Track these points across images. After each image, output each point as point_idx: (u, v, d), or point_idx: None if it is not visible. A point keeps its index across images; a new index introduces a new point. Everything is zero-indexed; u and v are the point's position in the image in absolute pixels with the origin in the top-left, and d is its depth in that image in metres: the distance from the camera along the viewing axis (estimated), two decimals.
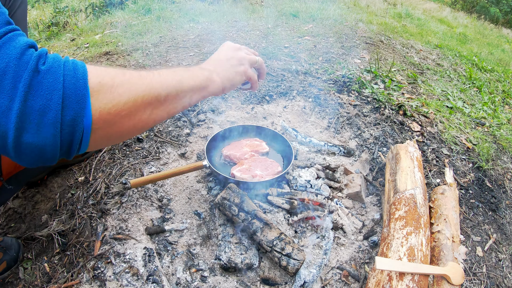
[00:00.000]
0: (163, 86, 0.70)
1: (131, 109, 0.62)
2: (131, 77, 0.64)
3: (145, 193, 1.46)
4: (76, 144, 0.56)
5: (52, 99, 0.52)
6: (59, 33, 3.77)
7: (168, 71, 0.74)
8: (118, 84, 0.60)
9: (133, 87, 0.63)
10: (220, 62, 0.91)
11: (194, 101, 0.80)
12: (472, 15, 8.72)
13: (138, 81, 0.65)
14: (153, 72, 0.71)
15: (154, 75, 0.70)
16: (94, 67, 0.59)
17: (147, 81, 0.66)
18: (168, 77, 0.72)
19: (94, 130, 0.57)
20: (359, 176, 1.60)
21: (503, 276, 1.35)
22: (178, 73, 0.76)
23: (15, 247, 1.20)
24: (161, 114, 0.71)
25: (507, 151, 2.10)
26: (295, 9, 4.50)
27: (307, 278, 1.19)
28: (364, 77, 2.60)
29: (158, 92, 0.68)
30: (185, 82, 0.76)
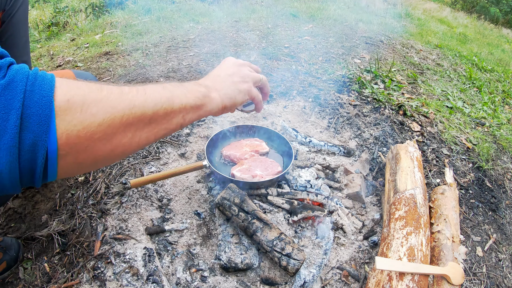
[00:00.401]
0: (148, 104, 0.60)
1: (107, 132, 0.53)
2: (109, 94, 0.54)
3: (145, 193, 1.46)
4: (39, 173, 0.48)
5: (8, 119, 0.44)
6: (59, 33, 3.77)
7: (156, 87, 0.65)
8: (91, 102, 0.51)
9: (110, 105, 0.54)
10: (220, 78, 0.83)
11: (188, 122, 0.70)
12: (472, 15, 8.72)
13: (117, 98, 0.55)
14: (138, 88, 0.61)
15: (139, 91, 0.60)
16: (65, 82, 0.51)
17: (128, 98, 0.57)
18: (156, 94, 0.62)
19: (61, 156, 0.49)
20: (359, 176, 1.60)
21: (503, 276, 1.35)
22: (168, 89, 0.66)
23: (15, 247, 1.20)
24: (146, 136, 0.61)
25: (507, 151, 2.10)
26: (295, 9, 4.50)
27: (307, 278, 1.19)
28: (364, 77, 2.60)
29: (142, 111, 0.58)
30: (176, 100, 0.66)
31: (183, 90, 0.69)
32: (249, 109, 1.01)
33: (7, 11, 1.13)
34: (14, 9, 1.16)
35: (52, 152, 0.48)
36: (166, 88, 0.66)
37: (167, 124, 0.65)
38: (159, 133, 0.64)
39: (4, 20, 1.14)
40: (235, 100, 0.83)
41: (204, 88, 0.75)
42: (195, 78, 2.36)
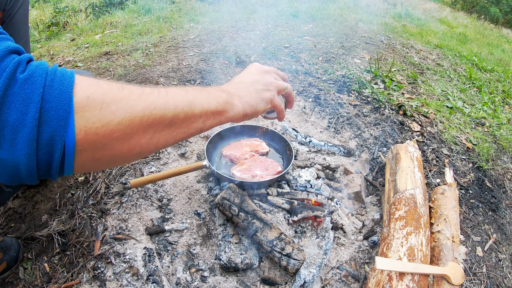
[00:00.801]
0: (169, 106, 0.59)
1: (126, 131, 0.53)
2: (130, 93, 0.55)
3: (145, 193, 1.46)
4: (56, 167, 0.49)
5: (27, 113, 0.45)
6: (59, 33, 3.77)
7: (178, 89, 0.64)
8: (112, 101, 0.52)
9: (131, 105, 0.54)
10: (243, 85, 0.81)
11: (208, 127, 0.69)
12: (472, 15, 8.72)
13: (138, 99, 0.55)
14: (159, 89, 0.61)
15: (160, 92, 0.60)
16: (85, 79, 0.51)
17: (149, 100, 0.57)
18: (177, 97, 0.62)
19: (79, 152, 0.49)
20: (359, 176, 1.60)
21: (503, 276, 1.35)
22: (190, 92, 0.66)
23: (15, 247, 1.20)
24: (165, 139, 0.61)
25: (507, 151, 2.10)
26: (295, 9, 4.50)
27: (307, 278, 1.19)
28: (364, 77, 2.60)
29: (162, 113, 0.58)
30: (198, 104, 0.65)
31: (205, 95, 0.68)
32: (271, 116, 0.98)
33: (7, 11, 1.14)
34: (15, 9, 1.16)
35: (69, 147, 0.48)
36: (189, 91, 0.66)
37: (187, 128, 0.64)
38: (178, 136, 0.64)
39: (4, 20, 1.14)
40: (257, 108, 0.81)
41: (226, 94, 0.74)
42: (195, 78, 2.36)
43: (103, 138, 0.51)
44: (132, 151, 0.57)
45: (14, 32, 1.18)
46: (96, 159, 0.53)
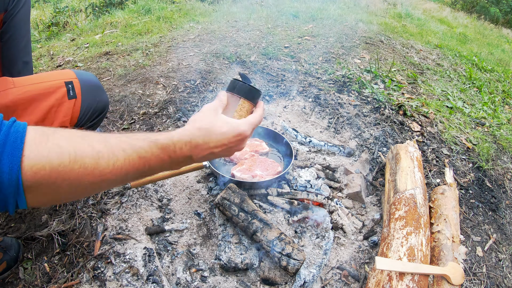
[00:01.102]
0: (119, 181, 0.60)
1: (69, 197, 0.58)
2: (81, 167, 0.52)
3: (145, 193, 1.46)
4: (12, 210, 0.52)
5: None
6: (59, 33, 3.77)
7: (138, 158, 0.60)
8: (62, 182, 0.51)
9: (79, 184, 0.53)
10: (213, 155, 0.72)
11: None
12: (472, 15, 8.72)
13: (89, 175, 0.54)
14: (117, 157, 0.57)
15: (115, 165, 0.57)
16: (35, 149, 0.49)
17: (102, 178, 0.55)
18: (133, 171, 0.60)
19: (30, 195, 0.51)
20: (359, 176, 1.60)
21: (503, 276, 1.35)
22: (148, 163, 0.62)
23: (15, 247, 1.20)
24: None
25: (507, 151, 2.10)
26: (295, 9, 4.50)
27: (307, 278, 1.18)
28: (364, 77, 2.60)
29: (111, 186, 0.61)
30: (149, 174, 0.66)
31: (164, 168, 0.66)
32: None
33: (9, 11, 1.13)
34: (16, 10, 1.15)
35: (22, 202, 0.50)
36: (147, 162, 0.62)
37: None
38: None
39: (5, 21, 1.14)
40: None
41: (186, 159, 0.69)
42: (195, 78, 2.36)
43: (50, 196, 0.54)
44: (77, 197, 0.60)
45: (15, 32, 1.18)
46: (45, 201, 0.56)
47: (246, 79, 0.83)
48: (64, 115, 1.16)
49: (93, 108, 1.27)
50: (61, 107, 1.15)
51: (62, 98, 1.16)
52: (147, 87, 2.23)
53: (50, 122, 1.13)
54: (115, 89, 2.20)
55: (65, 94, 1.16)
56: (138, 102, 2.06)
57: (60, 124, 1.16)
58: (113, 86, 2.25)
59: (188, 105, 2.07)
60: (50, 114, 1.12)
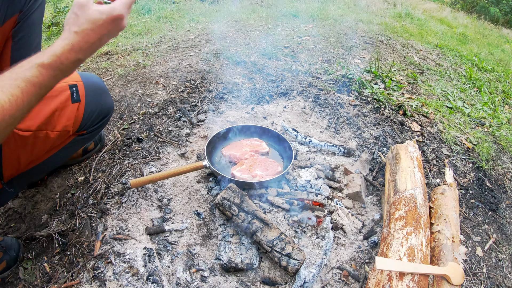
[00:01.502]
0: (25, 107, 0.65)
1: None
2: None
3: (145, 193, 1.46)
4: None
5: None
6: (59, 33, 3.76)
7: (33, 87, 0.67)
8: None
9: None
10: (97, 44, 0.77)
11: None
12: (472, 15, 8.72)
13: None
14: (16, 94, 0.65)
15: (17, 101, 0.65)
16: None
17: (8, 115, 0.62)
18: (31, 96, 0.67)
19: None
20: (359, 176, 1.60)
21: (503, 276, 1.35)
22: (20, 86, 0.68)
23: (15, 247, 1.20)
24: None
25: (507, 151, 2.10)
26: (295, 9, 4.50)
27: (307, 278, 1.19)
28: (364, 77, 2.60)
29: (19, 117, 0.65)
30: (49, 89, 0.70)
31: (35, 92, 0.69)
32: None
33: (24, 12, 1.13)
34: (31, 10, 1.15)
35: None
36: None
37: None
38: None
39: (19, 21, 1.13)
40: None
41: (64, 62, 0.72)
42: (195, 78, 2.36)
43: None
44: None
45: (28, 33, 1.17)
46: None
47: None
48: (67, 119, 1.15)
49: (97, 112, 1.27)
50: (64, 111, 1.14)
51: (66, 102, 1.15)
52: (147, 87, 2.23)
53: (53, 126, 1.12)
54: (115, 89, 2.20)
55: (68, 98, 1.16)
56: (138, 102, 2.06)
57: (62, 128, 1.15)
58: (113, 86, 2.25)
59: (188, 105, 2.07)
60: (53, 118, 1.11)
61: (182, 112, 1.98)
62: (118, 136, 1.75)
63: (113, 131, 1.80)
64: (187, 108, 2.03)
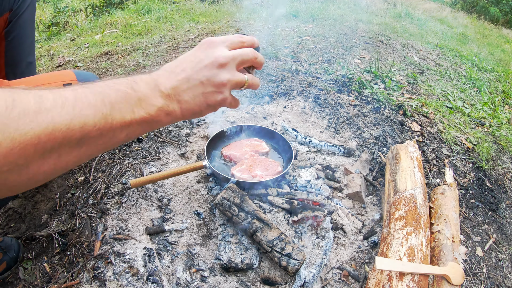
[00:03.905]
0: (75, 124, 0.47)
1: (19, 162, 0.43)
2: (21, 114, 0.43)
3: (145, 193, 1.46)
4: None
5: None
6: (59, 33, 3.77)
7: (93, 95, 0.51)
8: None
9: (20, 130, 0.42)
10: (189, 83, 0.62)
11: (135, 136, 0.57)
12: (472, 15, 8.72)
13: (31, 121, 0.43)
14: (66, 98, 0.48)
15: (65, 106, 0.47)
16: None
17: (47, 120, 0.45)
18: (88, 110, 0.49)
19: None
20: (359, 176, 1.60)
21: (503, 276, 1.35)
22: (108, 98, 0.52)
23: (15, 247, 1.20)
24: (74, 160, 0.50)
25: (507, 151, 2.10)
26: (295, 9, 4.50)
27: (307, 278, 1.18)
28: (364, 77, 2.60)
29: (66, 133, 0.46)
30: (117, 116, 0.52)
31: (131, 103, 0.55)
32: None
33: (15, 11, 1.13)
34: (22, 10, 1.15)
35: None
36: (106, 98, 0.52)
37: (104, 144, 0.53)
38: (94, 153, 0.53)
39: (10, 20, 1.13)
40: (199, 115, 0.67)
41: (164, 100, 0.59)
42: None
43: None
44: (33, 179, 0.47)
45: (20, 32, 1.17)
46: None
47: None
48: None
49: None
50: None
51: None
52: None
53: None
54: None
55: None
56: None
57: None
58: None
59: None
60: None
61: None
62: None
63: None
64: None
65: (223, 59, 0.65)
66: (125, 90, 0.55)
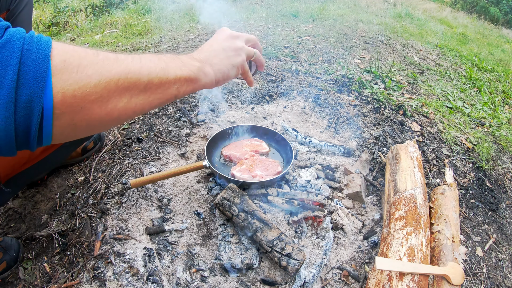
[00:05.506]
0: (143, 71, 0.62)
1: (103, 94, 0.55)
2: (105, 58, 0.56)
3: (145, 193, 1.46)
4: (34, 131, 0.49)
5: (5, 75, 0.45)
6: (59, 33, 3.77)
7: (152, 57, 0.67)
8: (87, 64, 0.53)
9: (106, 68, 0.55)
10: (215, 52, 0.83)
11: (182, 94, 0.72)
12: (472, 15, 8.72)
13: (113, 63, 0.57)
14: (133, 56, 0.63)
15: (134, 59, 0.62)
16: (62, 44, 0.53)
17: (124, 64, 0.59)
18: (151, 63, 0.64)
19: (57, 116, 0.50)
20: (359, 176, 1.60)
21: (503, 276, 1.35)
22: (163, 59, 0.68)
23: (15, 247, 1.20)
24: (141, 104, 0.63)
25: (507, 151, 2.10)
26: (295, 9, 4.50)
27: (307, 278, 1.18)
28: (364, 77, 2.60)
29: (137, 77, 0.60)
30: (171, 71, 0.68)
31: (178, 63, 0.71)
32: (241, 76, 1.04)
33: (12, 10, 1.13)
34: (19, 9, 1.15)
35: (47, 110, 0.48)
36: (161, 59, 0.68)
37: (162, 94, 0.67)
38: (154, 102, 0.66)
39: (8, 20, 1.14)
40: (228, 75, 0.85)
41: (199, 62, 0.77)
42: None
43: (81, 100, 0.52)
44: (110, 116, 0.58)
45: None
46: (75, 124, 0.53)
47: None
48: None
49: None
50: None
51: None
52: None
53: None
54: None
55: None
56: None
57: None
58: None
59: (188, 105, 2.07)
60: None
61: (182, 112, 1.98)
62: (118, 136, 1.75)
63: (113, 131, 1.80)
64: (187, 108, 2.03)
65: (235, 33, 0.90)
66: (172, 56, 0.72)
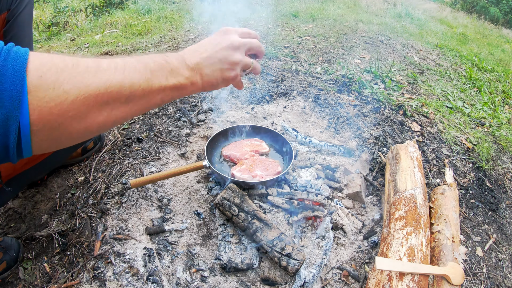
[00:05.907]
0: (126, 83, 0.59)
1: (81, 109, 0.53)
2: (85, 70, 0.54)
3: (145, 193, 1.46)
4: (13, 148, 0.49)
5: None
6: (59, 33, 3.77)
7: (138, 64, 0.63)
8: (65, 79, 0.51)
9: (85, 83, 0.53)
10: (210, 60, 0.77)
11: (166, 101, 0.70)
12: (472, 15, 8.72)
13: (93, 76, 0.55)
14: (117, 64, 0.60)
15: (117, 68, 0.59)
16: (39, 56, 0.51)
17: (105, 77, 0.56)
18: (135, 73, 0.61)
19: (35, 132, 0.49)
20: (359, 176, 1.60)
21: (503, 276, 1.35)
22: (149, 67, 0.64)
23: (15, 247, 1.20)
24: (122, 115, 0.61)
25: (507, 151, 2.10)
26: (295, 9, 4.51)
27: (307, 278, 1.18)
28: (364, 77, 2.60)
29: (118, 90, 0.58)
30: (156, 81, 0.65)
31: (165, 72, 0.68)
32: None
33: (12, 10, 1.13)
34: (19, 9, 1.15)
35: (24, 127, 0.48)
36: (148, 66, 0.65)
37: (144, 104, 0.65)
38: (136, 112, 0.65)
39: (8, 20, 1.14)
40: (217, 87, 0.82)
41: (189, 71, 0.73)
42: None
43: (58, 117, 0.51)
44: (89, 129, 0.57)
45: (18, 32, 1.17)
46: (54, 139, 0.53)
47: None
48: None
49: None
50: None
51: None
52: None
53: None
54: None
55: None
56: None
57: None
58: None
59: (188, 105, 2.07)
60: None
61: (182, 112, 1.98)
62: (118, 136, 1.75)
63: (113, 131, 1.80)
64: (187, 108, 2.03)
65: (237, 43, 0.83)
66: (160, 62, 0.68)
